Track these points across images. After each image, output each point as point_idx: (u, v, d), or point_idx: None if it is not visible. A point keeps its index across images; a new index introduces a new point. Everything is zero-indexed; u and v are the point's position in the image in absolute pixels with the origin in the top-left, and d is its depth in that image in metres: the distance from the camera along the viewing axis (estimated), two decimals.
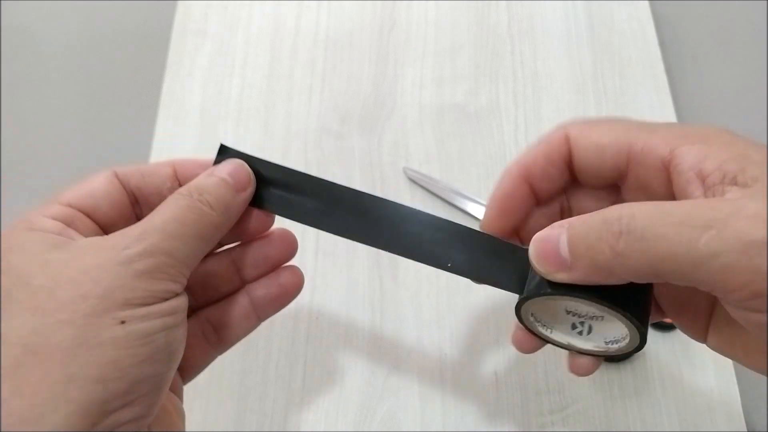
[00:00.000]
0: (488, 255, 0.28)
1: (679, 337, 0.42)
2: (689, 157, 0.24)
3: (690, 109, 0.53)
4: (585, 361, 0.29)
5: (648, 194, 0.27)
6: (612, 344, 0.27)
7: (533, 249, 0.25)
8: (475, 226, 0.29)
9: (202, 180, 0.28)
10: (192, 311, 0.31)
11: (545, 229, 0.25)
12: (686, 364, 0.42)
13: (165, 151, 0.51)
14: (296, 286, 0.32)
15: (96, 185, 0.28)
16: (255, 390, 0.42)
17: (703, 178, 0.23)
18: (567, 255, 0.24)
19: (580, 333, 0.28)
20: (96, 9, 0.60)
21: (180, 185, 0.28)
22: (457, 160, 0.49)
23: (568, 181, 0.29)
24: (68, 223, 0.26)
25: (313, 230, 0.48)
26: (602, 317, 0.27)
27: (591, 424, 0.40)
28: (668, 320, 0.28)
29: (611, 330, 0.27)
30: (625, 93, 0.52)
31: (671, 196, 0.25)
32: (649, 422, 0.40)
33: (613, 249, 0.22)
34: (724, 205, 0.21)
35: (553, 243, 0.24)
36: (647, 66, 0.53)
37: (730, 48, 0.56)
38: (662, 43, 0.54)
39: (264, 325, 0.44)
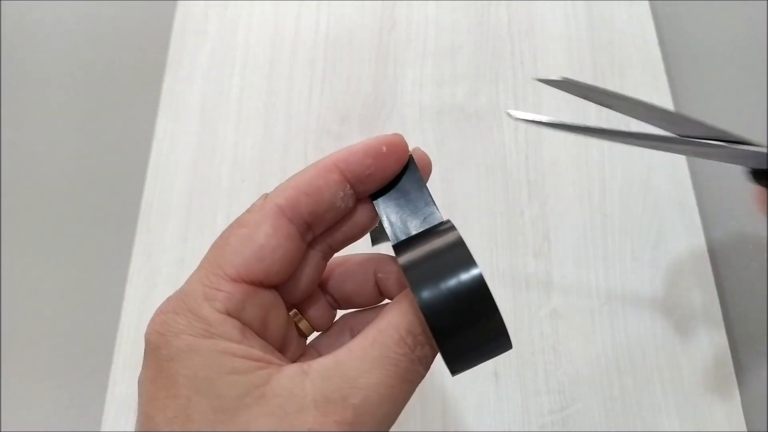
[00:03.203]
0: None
1: (679, 336, 0.42)
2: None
3: (690, 109, 0.53)
4: None
5: None
6: None
7: None
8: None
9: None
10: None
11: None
12: (686, 363, 0.42)
13: (165, 151, 0.51)
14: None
15: (264, 240, 0.23)
16: None
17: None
18: None
19: None
20: (96, 9, 0.60)
21: (351, 188, 0.25)
22: (457, 160, 0.49)
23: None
24: (240, 313, 0.22)
25: None
26: None
27: (591, 424, 0.40)
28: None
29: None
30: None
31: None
32: (649, 422, 0.40)
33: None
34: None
35: None
36: (647, 66, 0.53)
37: (730, 48, 0.56)
38: (662, 43, 0.54)
39: None
